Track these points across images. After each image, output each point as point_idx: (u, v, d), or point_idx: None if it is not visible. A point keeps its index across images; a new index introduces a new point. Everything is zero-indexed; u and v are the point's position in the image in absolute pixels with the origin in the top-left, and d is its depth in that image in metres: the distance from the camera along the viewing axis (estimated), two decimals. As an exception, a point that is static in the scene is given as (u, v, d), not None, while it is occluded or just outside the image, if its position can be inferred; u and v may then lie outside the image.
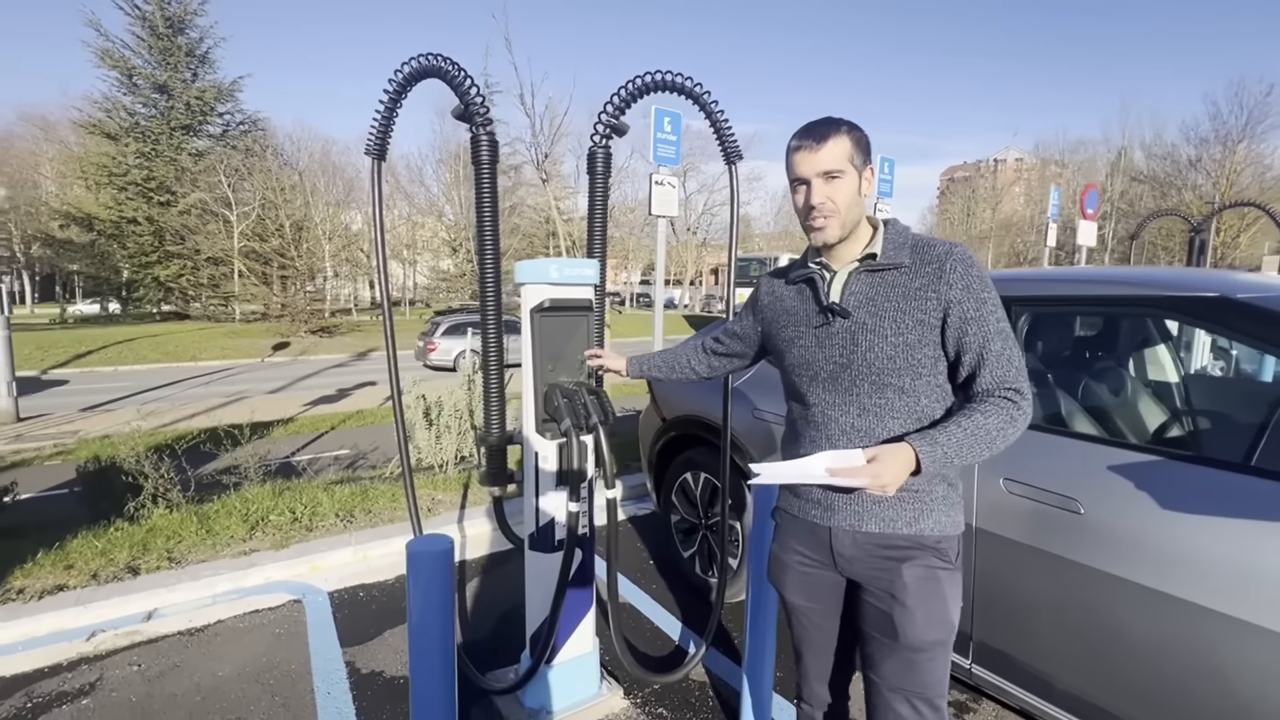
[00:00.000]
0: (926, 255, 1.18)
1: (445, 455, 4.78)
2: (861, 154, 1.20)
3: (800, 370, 1.29)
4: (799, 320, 1.29)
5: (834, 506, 1.25)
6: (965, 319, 1.14)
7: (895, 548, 1.21)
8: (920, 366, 1.17)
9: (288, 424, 8.04)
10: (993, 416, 1.10)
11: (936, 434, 1.09)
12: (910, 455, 1.08)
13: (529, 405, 1.92)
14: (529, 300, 1.86)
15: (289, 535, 3.29)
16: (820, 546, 1.29)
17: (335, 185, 29.96)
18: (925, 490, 1.20)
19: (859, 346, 1.19)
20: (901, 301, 1.17)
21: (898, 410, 1.19)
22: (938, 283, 1.15)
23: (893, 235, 1.23)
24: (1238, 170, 26.32)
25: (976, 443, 1.09)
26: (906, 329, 1.16)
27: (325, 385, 12.77)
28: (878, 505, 1.21)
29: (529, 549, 2.00)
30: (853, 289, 1.22)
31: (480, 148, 1.90)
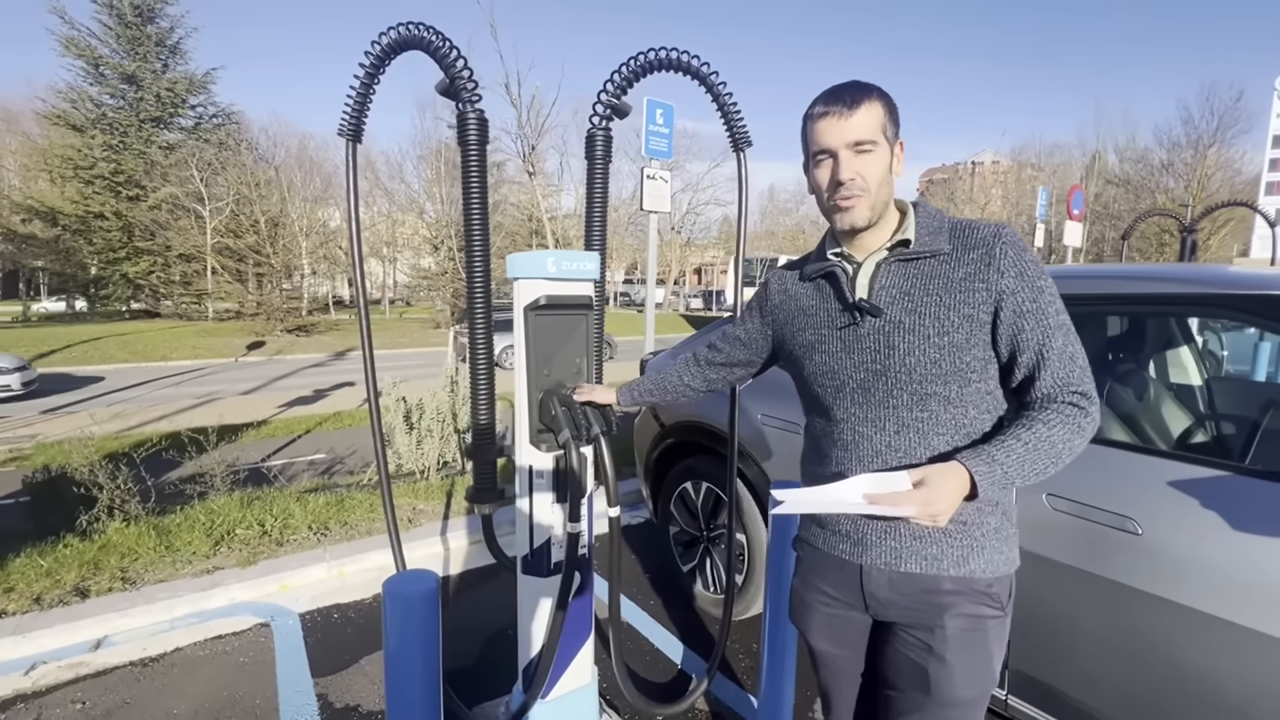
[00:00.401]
0: (970, 239, 1.02)
1: (427, 460, 4.55)
2: (894, 125, 1.04)
3: (824, 380, 1.12)
4: (819, 321, 1.13)
5: (867, 541, 1.08)
6: (1021, 312, 0.98)
7: (939, 592, 1.04)
8: (969, 371, 1.00)
9: (260, 427, 7.71)
10: (1057, 426, 0.94)
11: (993, 450, 0.93)
12: (964, 476, 0.91)
13: (522, 414, 1.72)
14: (522, 297, 1.67)
15: (257, 551, 3.05)
16: (849, 586, 1.12)
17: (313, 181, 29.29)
18: (975, 522, 1.03)
19: (895, 350, 1.02)
20: (944, 294, 1.00)
21: (943, 424, 1.02)
22: (986, 270, 0.99)
23: (926, 218, 1.06)
24: (1209, 173, 26.91)
25: (1039, 458, 0.93)
26: (952, 327, 0.99)
27: (301, 386, 12.37)
28: (919, 541, 1.04)
29: (521, 572, 1.81)
30: (883, 282, 1.05)
31: (468, 126, 1.70)
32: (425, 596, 1.14)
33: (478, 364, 1.77)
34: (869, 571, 1.08)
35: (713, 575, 2.68)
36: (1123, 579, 1.43)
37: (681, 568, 2.85)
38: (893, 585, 1.06)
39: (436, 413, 4.63)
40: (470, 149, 1.71)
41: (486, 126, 1.73)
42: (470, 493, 1.82)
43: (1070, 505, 1.53)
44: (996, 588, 1.04)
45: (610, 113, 1.92)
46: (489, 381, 1.80)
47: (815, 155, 1.05)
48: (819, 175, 1.05)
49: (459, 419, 4.77)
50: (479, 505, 1.82)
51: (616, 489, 1.63)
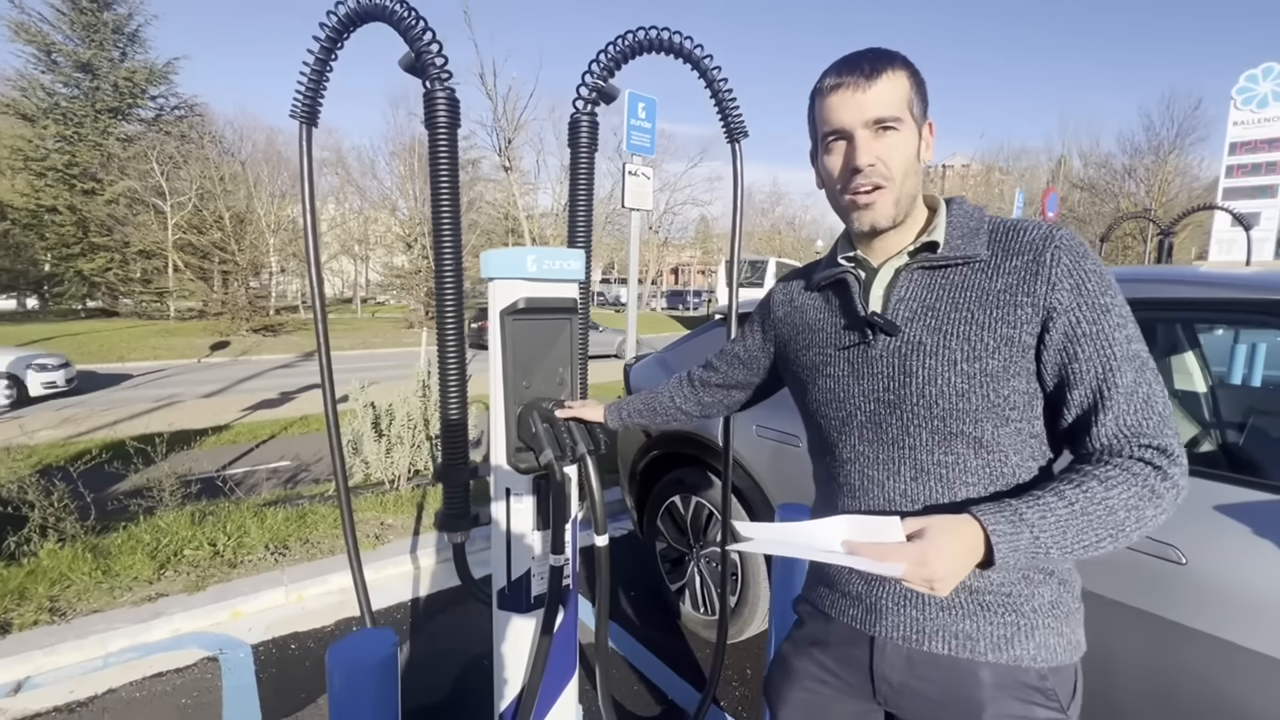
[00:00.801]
0: (1014, 243, 0.82)
1: (397, 470, 4.31)
2: (922, 101, 0.85)
3: (828, 410, 0.93)
4: (825, 339, 0.95)
5: (880, 606, 0.88)
6: (1075, 335, 0.76)
7: (973, 684, 0.82)
8: (1007, 407, 0.80)
9: (221, 432, 7.34)
10: (1119, 487, 0.71)
11: (1023, 506, 0.71)
12: (976, 534, 0.70)
13: (498, 431, 1.54)
14: (499, 299, 1.48)
15: (207, 574, 2.79)
16: (855, 665, 0.92)
17: (280, 176, 28.41)
18: (1022, 593, 0.82)
19: (913, 377, 0.83)
20: (977, 310, 0.81)
21: (973, 472, 0.82)
22: (1033, 281, 0.78)
23: (960, 217, 0.87)
24: (1169, 179, 27.72)
25: (1090, 525, 0.70)
26: (986, 351, 0.79)
27: (267, 388, 11.91)
28: (947, 613, 0.83)
29: (497, 607, 1.62)
30: (902, 293, 0.86)
31: (436, 107, 1.51)
32: (379, 667, 0.95)
33: (448, 373, 1.58)
34: (882, 647, 0.88)
35: (702, 594, 2.52)
36: (1164, 613, 1.30)
37: (669, 586, 2.68)
38: (912, 667, 0.86)
39: (407, 419, 4.39)
40: (439, 132, 1.51)
41: (457, 108, 1.54)
42: (440, 519, 1.63)
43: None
44: (1053, 681, 0.82)
45: (596, 96, 1.74)
46: (461, 393, 1.61)
47: (826, 137, 0.86)
48: (830, 162, 0.87)
49: (431, 425, 4.53)
50: (450, 534, 1.63)
51: (604, 515, 1.45)
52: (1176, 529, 1.31)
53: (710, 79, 1.84)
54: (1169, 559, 1.30)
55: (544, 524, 1.55)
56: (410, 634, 2.56)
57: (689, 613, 2.57)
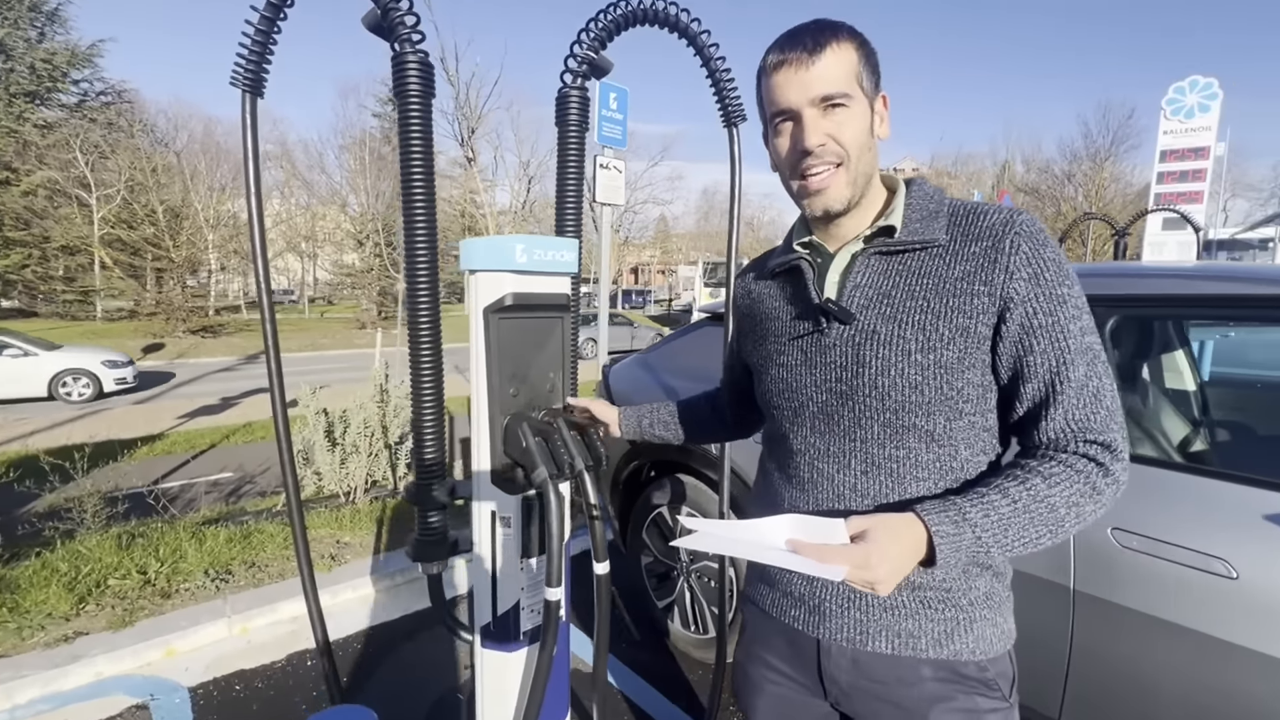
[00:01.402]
0: (973, 228, 0.78)
1: (353, 481, 4.01)
2: (872, 73, 0.81)
3: (779, 400, 0.91)
4: (779, 328, 0.92)
5: (825, 608, 0.87)
6: (1030, 328, 0.75)
7: (917, 681, 0.83)
8: (961, 400, 0.78)
9: (155, 442, 6.79)
10: (1061, 484, 0.71)
11: (966, 504, 0.71)
12: (918, 534, 0.70)
13: (482, 445, 1.34)
14: (482, 295, 1.29)
15: (136, 607, 2.48)
16: (804, 665, 0.91)
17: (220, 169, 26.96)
18: (960, 588, 0.82)
19: (866, 367, 0.80)
20: (933, 299, 0.78)
21: (924, 466, 0.80)
22: (991, 269, 0.76)
23: (920, 200, 0.84)
24: (1105, 185, 29.26)
25: (1031, 523, 0.71)
26: (941, 341, 0.77)
27: (207, 393, 11.19)
28: (889, 612, 0.83)
29: (480, 644, 1.42)
30: (858, 279, 0.83)
31: (406, 72, 1.30)
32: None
33: (422, 381, 1.37)
34: (828, 649, 0.87)
35: (693, 612, 2.37)
36: (1214, 631, 1.21)
37: (656, 602, 2.52)
38: (858, 668, 0.86)
39: (364, 426, 4.09)
40: (410, 101, 1.31)
41: (430, 73, 1.34)
42: (414, 548, 1.42)
43: (1144, 542, 1.31)
44: (993, 671, 0.84)
45: (587, 69, 1.56)
46: (436, 404, 1.41)
47: (774, 118, 0.82)
48: (780, 144, 0.83)
49: (390, 432, 4.25)
50: (425, 565, 1.42)
51: (604, 540, 1.28)
52: (1226, 541, 1.23)
53: (707, 57, 1.70)
54: (1218, 573, 1.22)
55: (536, 550, 1.37)
56: (373, 666, 2.32)
57: (678, 631, 2.41)
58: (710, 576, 2.28)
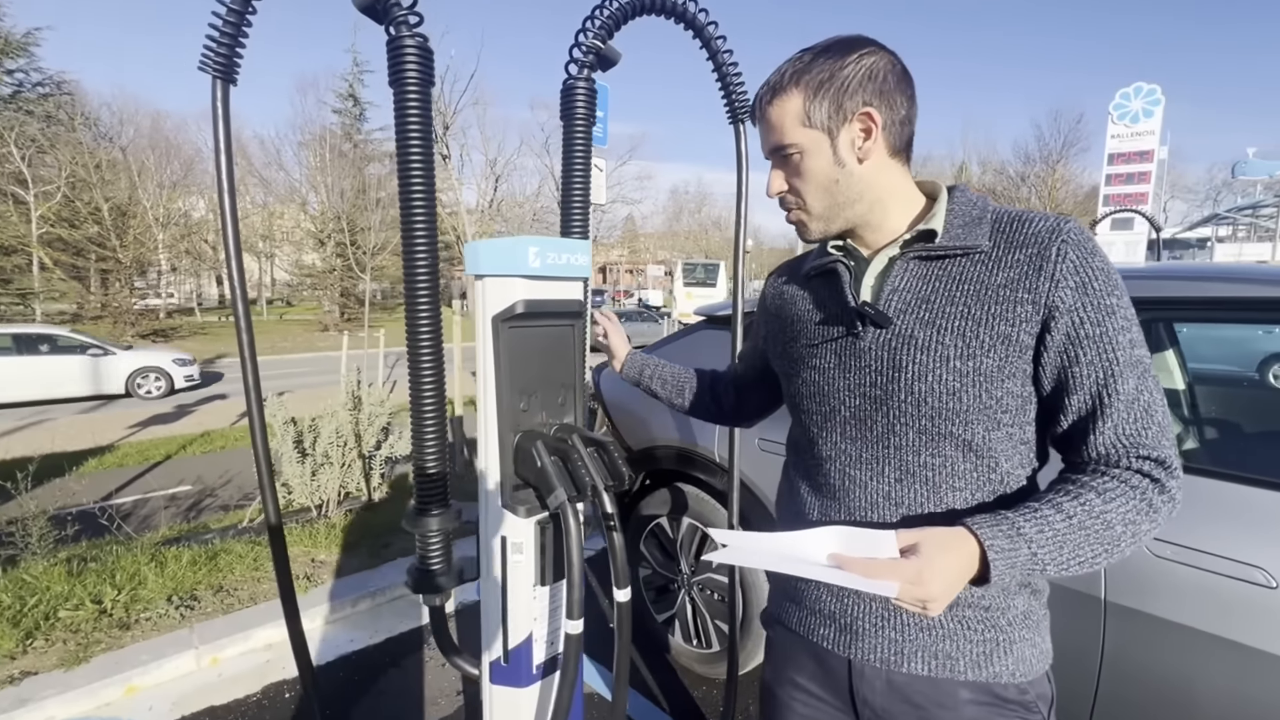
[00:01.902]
0: (1019, 235, 0.76)
1: (325, 494, 3.81)
2: (829, 103, 0.78)
3: (809, 403, 0.89)
4: (811, 330, 0.90)
5: (857, 627, 0.84)
6: (1077, 337, 0.72)
7: (955, 704, 0.80)
8: (999, 409, 0.76)
9: (105, 454, 6.40)
10: (1117, 500, 0.69)
11: (1019, 519, 0.68)
12: (972, 550, 0.67)
13: (491, 465, 1.24)
14: (491, 302, 1.18)
15: (91, 641, 2.27)
16: (835, 686, 0.89)
17: (170, 165, 25.78)
18: (999, 606, 0.80)
19: (903, 372, 0.79)
20: (974, 306, 0.76)
21: (961, 476, 0.78)
22: (1035, 277, 0.73)
23: (962, 206, 0.81)
24: (1057, 186, 30.38)
25: (1087, 540, 0.68)
26: (982, 349, 0.75)
27: (160, 401, 10.66)
28: (926, 632, 0.80)
29: (490, 680, 1.31)
30: (896, 284, 0.81)
31: (404, 58, 1.18)
32: None
33: (423, 397, 1.25)
34: (860, 670, 0.85)
35: (695, 625, 2.29)
36: (1254, 643, 1.19)
37: (654, 616, 2.43)
38: (893, 690, 0.83)
39: (336, 435, 3.90)
40: (408, 90, 1.19)
41: (430, 59, 1.22)
42: (415, 578, 1.30)
43: (1178, 551, 1.28)
44: (1033, 694, 0.81)
45: (594, 60, 1.47)
46: (438, 420, 1.29)
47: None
48: None
49: (364, 441, 4.06)
50: (426, 597, 1.31)
51: (625, 564, 1.19)
52: (1264, 549, 1.20)
53: (714, 50, 1.62)
54: (1257, 583, 1.19)
55: (550, 578, 1.27)
56: (356, 696, 2.17)
57: (680, 645, 2.33)
58: (714, 589, 2.21)
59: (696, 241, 49.40)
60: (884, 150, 0.80)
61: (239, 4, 1.25)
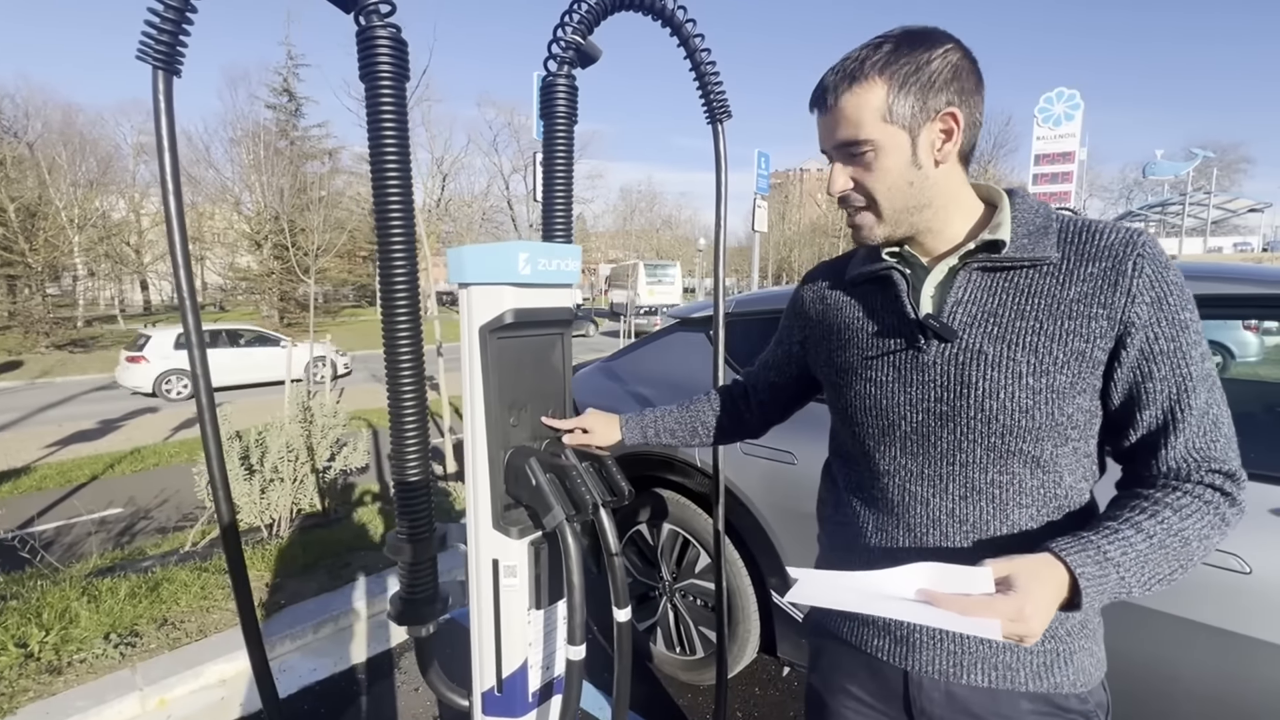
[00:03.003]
0: (1090, 247, 0.75)
1: (276, 512, 3.60)
2: (914, 98, 0.74)
3: (864, 416, 0.87)
4: (864, 340, 0.88)
5: (913, 639, 0.84)
6: (1152, 352, 0.72)
7: (1016, 714, 0.80)
8: (1070, 425, 0.76)
9: (20, 476, 5.88)
10: (1193, 516, 0.69)
11: (1104, 543, 0.67)
12: (1064, 579, 0.65)
13: (480, 485, 1.16)
14: (478, 312, 1.11)
15: (17, 689, 2.05)
16: (889, 696, 0.88)
17: (85, 162, 23.97)
18: (1059, 617, 0.79)
19: (972, 389, 0.77)
20: (1046, 320, 0.75)
21: (1028, 493, 0.78)
22: (1111, 292, 0.72)
23: (1026, 214, 0.79)
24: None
25: (1167, 559, 0.68)
26: (1055, 365, 0.74)
27: (80, 415, 9.88)
28: (986, 644, 0.80)
29: (482, 712, 1.24)
30: (960, 296, 0.79)
31: (376, 50, 1.09)
32: None
33: (404, 416, 1.16)
34: (918, 682, 0.84)
35: (678, 633, 2.25)
36: (1231, 626, 1.24)
37: (636, 626, 2.39)
38: (953, 701, 0.82)
39: (286, 449, 3.68)
40: (381, 85, 1.10)
41: (404, 51, 1.13)
42: (398, 608, 1.21)
43: (1157, 541, 1.32)
44: (1092, 703, 0.82)
45: (574, 56, 1.40)
46: (421, 441, 1.20)
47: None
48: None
49: (317, 455, 3.85)
50: (411, 628, 1.22)
51: (625, 584, 1.15)
52: (1238, 536, 1.25)
53: (692, 49, 1.58)
54: (1231, 569, 1.25)
55: (545, 601, 1.21)
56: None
57: (662, 653, 2.30)
58: (697, 595, 2.18)
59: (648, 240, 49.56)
60: (956, 154, 0.78)
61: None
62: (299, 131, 27.05)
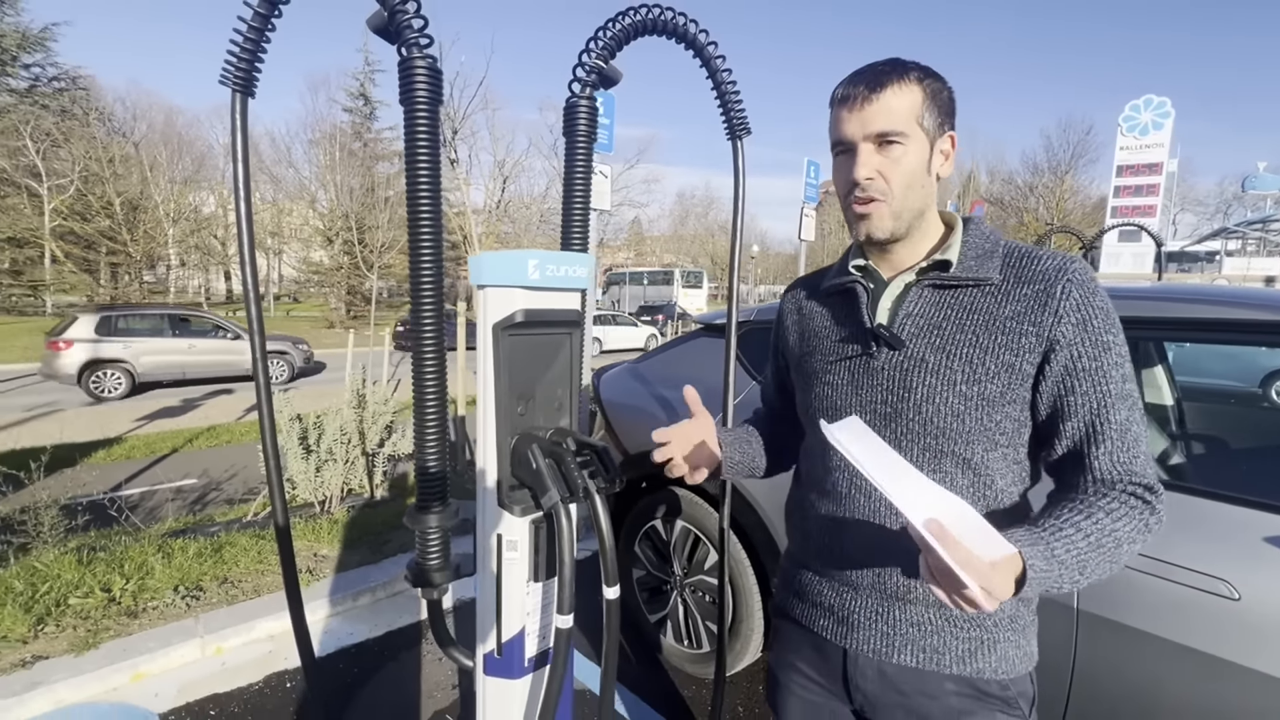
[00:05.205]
0: (1027, 270, 0.83)
1: (328, 490, 3.88)
2: (937, 113, 0.84)
3: (822, 416, 0.92)
4: (828, 346, 0.96)
5: (854, 620, 0.91)
6: (1075, 370, 0.79)
7: (940, 695, 0.87)
8: (998, 432, 0.83)
9: (113, 446, 6.50)
10: (1123, 519, 0.75)
11: (1051, 539, 0.72)
12: (1018, 568, 0.69)
13: (489, 465, 1.30)
14: (493, 311, 1.24)
15: (100, 627, 2.34)
16: (831, 672, 0.96)
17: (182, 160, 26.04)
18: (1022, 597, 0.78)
19: (912, 393, 0.85)
20: (983, 334, 0.82)
21: (961, 492, 0.84)
22: (1040, 312, 0.80)
23: (976, 239, 0.88)
24: (1065, 197, 30.34)
25: (1101, 557, 0.74)
26: (987, 375, 0.81)
27: (167, 394, 10.77)
28: (917, 628, 0.87)
29: (484, 672, 1.37)
30: (910, 309, 0.87)
31: (414, 78, 1.25)
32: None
33: (426, 404, 1.31)
34: (854, 659, 0.92)
35: (686, 627, 2.34)
36: (1217, 652, 1.23)
37: (647, 616, 2.49)
38: (883, 678, 0.90)
39: (340, 433, 3.97)
40: (417, 108, 1.25)
41: (439, 80, 1.28)
42: (414, 571, 1.36)
43: (1148, 562, 1.33)
44: (1014, 690, 0.88)
45: (596, 79, 1.53)
46: (440, 425, 1.35)
47: (835, 148, 0.88)
48: (836, 173, 0.90)
49: (368, 439, 4.13)
50: (424, 590, 1.37)
51: (615, 563, 1.25)
52: (1227, 562, 1.25)
53: (714, 69, 1.68)
54: (1221, 594, 1.24)
55: (544, 574, 1.33)
56: (355, 688, 2.23)
57: (671, 646, 2.39)
58: (705, 591, 2.26)
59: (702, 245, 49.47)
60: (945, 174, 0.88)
61: (260, 19, 1.32)
62: (372, 134, 28.52)
